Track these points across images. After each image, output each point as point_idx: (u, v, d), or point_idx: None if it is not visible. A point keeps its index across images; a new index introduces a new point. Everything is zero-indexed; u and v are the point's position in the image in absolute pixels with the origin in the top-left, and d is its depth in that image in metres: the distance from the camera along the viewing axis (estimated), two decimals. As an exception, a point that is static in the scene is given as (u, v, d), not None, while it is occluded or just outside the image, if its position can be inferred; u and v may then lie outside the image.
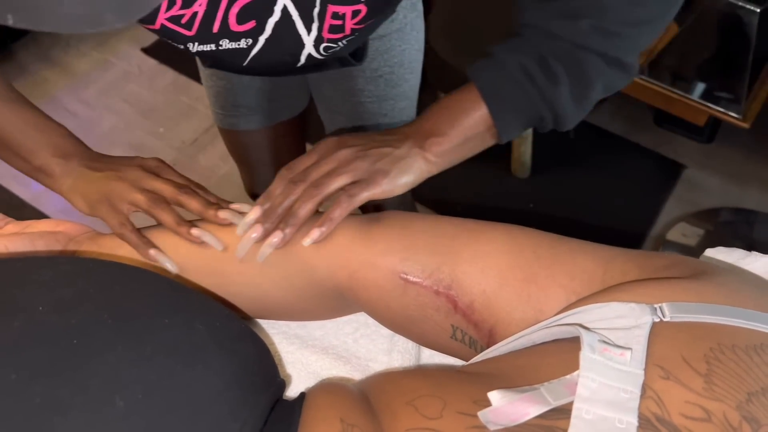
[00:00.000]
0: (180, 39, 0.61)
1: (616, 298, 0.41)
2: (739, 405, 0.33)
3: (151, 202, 0.54)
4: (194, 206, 0.54)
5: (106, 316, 0.35)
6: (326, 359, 0.54)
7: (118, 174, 0.57)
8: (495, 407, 0.34)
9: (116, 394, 0.32)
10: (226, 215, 0.53)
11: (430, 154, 0.57)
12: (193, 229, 0.52)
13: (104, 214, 0.56)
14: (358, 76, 0.90)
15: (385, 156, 0.55)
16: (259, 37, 0.62)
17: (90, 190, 0.58)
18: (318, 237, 0.50)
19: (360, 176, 0.54)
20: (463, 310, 0.48)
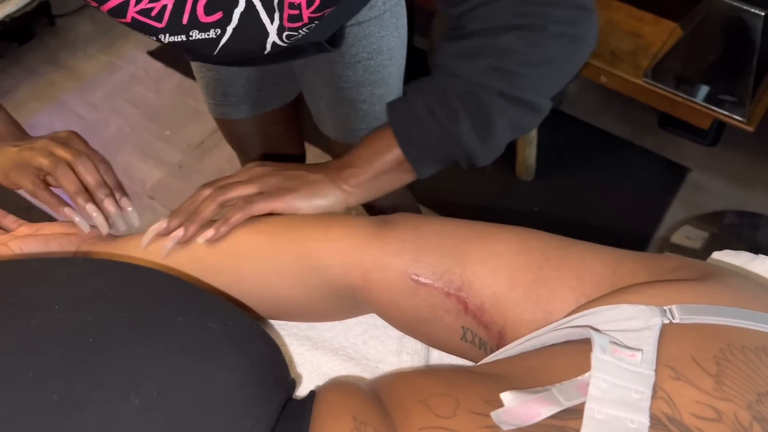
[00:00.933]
0: (151, 31, 0.62)
1: (625, 300, 0.41)
2: (750, 405, 0.33)
3: (53, 164, 0.58)
4: (88, 179, 0.59)
5: (120, 315, 0.36)
6: (336, 360, 0.54)
7: (30, 145, 0.61)
8: (508, 407, 0.35)
9: (132, 390, 0.32)
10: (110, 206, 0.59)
11: (346, 185, 0.61)
12: (89, 205, 0.57)
13: (17, 179, 0.59)
14: (337, 62, 0.92)
15: (297, 177, 0.59)
16: (227, 27, 0.64)
17: (4, 161, 0.61)
18: (212, 236, 0.53)
19: (266, 189, 0.57)
20: (473, 311, 0.48)
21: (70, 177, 0.58)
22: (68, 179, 0.58)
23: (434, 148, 0.61)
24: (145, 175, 1.83)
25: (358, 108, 0.98)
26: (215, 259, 0.53)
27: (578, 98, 1.97)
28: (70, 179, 0.58)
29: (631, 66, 1.72)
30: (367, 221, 0.53)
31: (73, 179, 0.58)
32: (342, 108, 0.98)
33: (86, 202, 0.57)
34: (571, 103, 1.95)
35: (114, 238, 0.59)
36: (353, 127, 1.01)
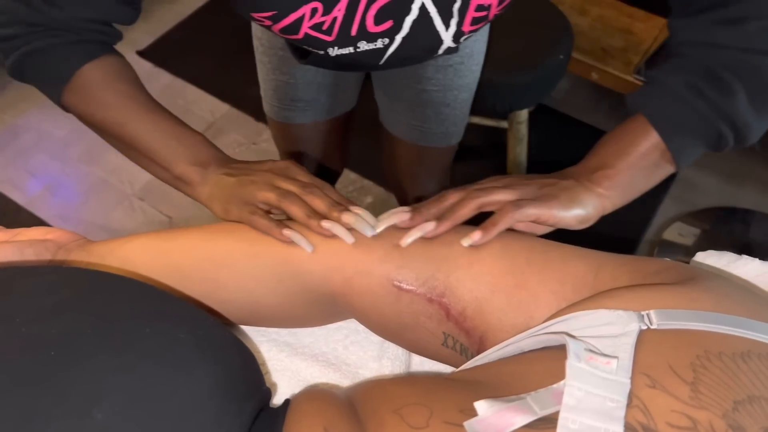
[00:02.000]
0: (321, 45, 0.62)
1: (603, 305, 0.40)
2: (725, 414, 0.33)
3: (280, 197, 0.54)
4: (318, 204, 0.53)
5: (87, 326, 0.35)
6: (316, 366, 0.53)
7: (250, 178, 0.57)
8: (481, 417, 0.34)
9: (95, 405, 0.31)
10: (350, 219, 0.51)
11: (601, 188, 0.55)
12: (324, 222, 0.51)
13: (237, 214, 0.55)
14: (429, 64, 0.90)
15: (552, 185, 0.54)
16: (395, 36, 0.63)
17: (224, 195, 0.58)
18: (478, 240, 0.48)
19: (525, 196, 0.52)
20: (455, 317, 0.48)
21: (298, 203, 0.53)
22: (297, 206, 0.53)
23: (701, 130, 0.55)
24: (134, 176, 1.81)
25: (440, 111, 0.97)
26: (194, 267, 0.52)
27: (569, 95, 1.97)
28: (299, 205, 0.53)
29: (622, 63, 1.71)
30: None
31: (302, 205, 0.53)
32: (423, 110, 0.97)
33: (320, 222, 0.51)
34: (562, 100, 1.95)
35: (90, 243, 0.58)
36: (431, 130, 1.00)
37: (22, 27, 0.58)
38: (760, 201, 1.70)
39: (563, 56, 1.49)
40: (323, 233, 0.51)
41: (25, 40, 0.59)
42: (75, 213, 1.74)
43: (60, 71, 0.61)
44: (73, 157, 1.86)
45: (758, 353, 0.36)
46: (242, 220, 0.54)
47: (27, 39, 0.59)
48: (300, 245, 0.50)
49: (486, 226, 0.49)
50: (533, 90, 1.51)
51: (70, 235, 0.61)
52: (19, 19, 0.58)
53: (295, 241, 0.50)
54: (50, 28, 0.58)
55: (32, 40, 0.59)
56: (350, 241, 0.50)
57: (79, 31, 0.59)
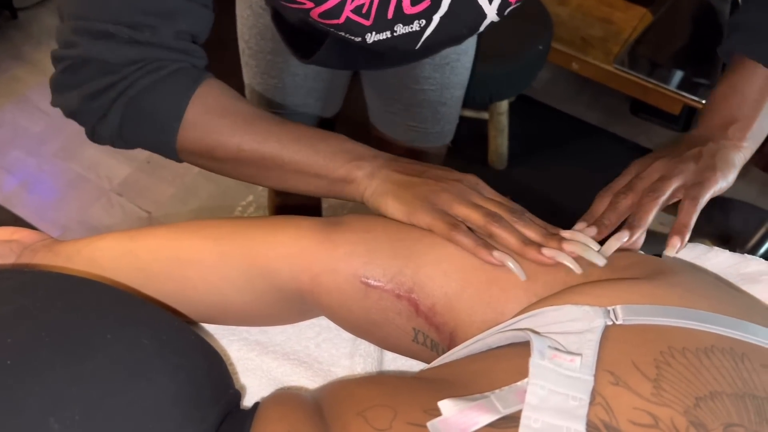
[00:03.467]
0: (359, 31, 0.59)
1: (571, 300, 0.40)
2: (687, 410, 0.33)
3: (487, 218, 0.49)
4: (531, 233, 0.48)
5: (44, 334, 0.34)
6: (287, 365, 0.53)
7: (440, 185, 0.52)
8: (444, 417, 0.34)
9: (51, 415, 0.31)
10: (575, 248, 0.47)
11: (738, 141, 0.55)
12: (546, 250, 0.46)
13: (429, 221, 0.50)
14: (426, 63, 0.89)
15: (702, 155, 0.53)
16: (433, 16, 0.60)
17: (407, 195, 0.52)
18: (679, 245, 0.49)
19: (689, 179, 0.52)
20: (424, 313, 0.47)
21: (509, 229, 0.48)
22: (508, 232, 0.48)
23: None
24: (113, 171, 1.79)
25: (437, 111, 0.95)
26: (160, 266, 0.51)
27: (550, 85, 1.97)
28: (510, 232, 0.48)
29: (602, 52, 1.72)
30: (317, 223, 0.51)
31: (513, 231, 0.48)
32: (421, 110, 0.95)
33: (539, 249, 0.47)
34: (542, 90, 1.95)
35: (57, 243, 0.57)
36: (427, 130, 0.99)
37: (119, 71, 0.52)
38: (739, 189, 1.71)
39: (543, 47, 1.49)
40: (545, 262, 0.46)
41: (128, 83, 0.53)
42: (52, 210, 1.71)
43: (171, 108, 0.54)
44: (49, 153, 1.84)
45: (721, 348, 0.36)
46: (437, 230, 0.49)
47: (128, 82, 0.52)
48: (513, 271, 0.46)
49: (680, 231, 0.49)
50: (513, 81, 1.51)
51: (36, 235, 0.60)
52: (116, 61, 0.52)
53: (509, 265, 0.46)
54: (150, 61, 0.53)
55: (135, 81, 0.53)
56: (579, 272, 0.46)
57: (174, 56, 0.54)
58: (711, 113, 0.58)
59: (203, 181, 1.77)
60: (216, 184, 1.77)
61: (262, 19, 0.87)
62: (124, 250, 0.53)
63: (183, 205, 1.74)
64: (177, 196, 1.75)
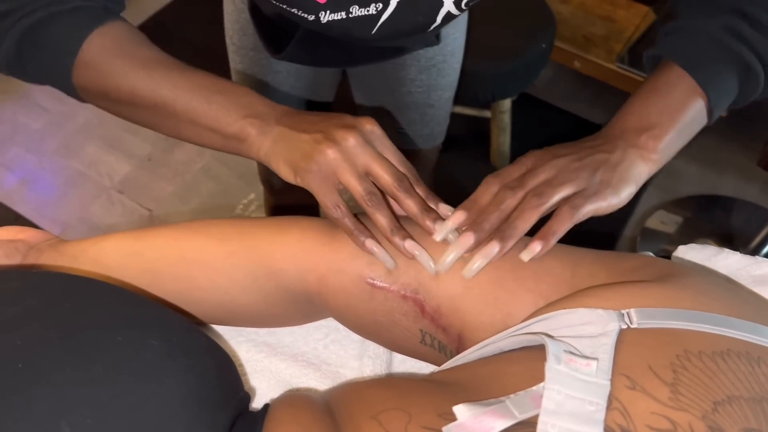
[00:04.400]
0: (312, 8, 0.57)
1: (583, 303, 0.40)
2: (705, 415, 0.32)
3: (368, 197, 0.48)
4: (409, 207, 0.48)
5: (54, 336, 0.34)
6: (296, 366, 0.53)
7: (330, 138, 0.49)
8: (460, 422, 0.34)
9: (62, 418, 0.30)
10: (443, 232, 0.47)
11: (648, 152, 0.51)
12: (408, 242, 0.46)
13: (314, 187, 0.49)
14: (411, 65, 0.88)
15: (603, 163, 0.50)
16: (390, 0, 0.59)
17: (295, 155, 0.50)
18: (539, 251, 0.46)
19: (581, 186, 0.49)
20: (430, 314, 0.47)
21: (383, 210, 0.47)
22: (382, 214, 0.47)
23: (739, 76, 0.52)
24: (113, 169, 1.79)
25: (424, 113, 0.94)
26: (167, 267, 0.51)
27: (552, 84, 1.96)
28: (384, 213, 0.47)
29: (605, 51, 1.71)
30: (322, 224, 0.51)
31: (389, 215, 0.47)
32: (408, 113, 0.94)
33: (404, 240, 0.46)
34: (544, 88, 1.94)
35: (62, 243, 0.56)
36: (416, 132, 0.97)
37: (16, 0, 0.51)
38: (741, 188, 1.71)
39: (546, 45, 1.49)
40: (405, 254, 0.47)
41: (23, 13, 0.51)
42: (52, 207, 1.71)
43: (68, 42, 0.53)
44: (49, 150, 1.83)
45: (737, 351, 0.36)
46: (323, 204, 0.49)
47: (24, 11, 0.51)
48: (379, 259, 0.47)
49: (545, 236, 0.46)
50: (516, 79, 1.51)
51: (41, 234, 0.59)
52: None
53: (378, 257, 0.47)
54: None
55: (31, 11, 0.51)
56: (433, 272, 0.46)
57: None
58: (628, 114, 0.54)
59: (204, 179, 1.77)
60: (217, 182, 1.76)
61: (244, 14, 0.86)
62: (129, 250, 0.52)
63: (184, 202, 1.73)
64: (177, 193, 1.75)
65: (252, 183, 1.75)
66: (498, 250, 0.46)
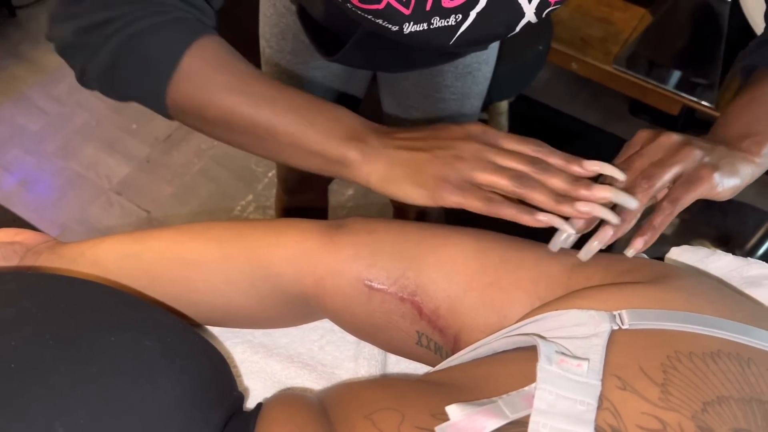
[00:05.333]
0: (398, 19, 0.58)
1: (575, 305, 0.40)
2: (695, 415, 0.33)
3: (517, 182, 0.46)
4: (557, 183, 0.47)
5: (48, 337, 0.34)
6: (291, 367, 0.53)
7: (453, 153, 0.48)
8: (452, 422, 0.34)
9: (56, 419, 0.31)
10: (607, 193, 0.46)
11: (753, 155, 0.52)
12: (580, 205, 0.45)
13: (456, 201, 0.47)
14: (448, 72, 0.88)
15: (711, 151, 0.50)
16: (470, 12, 0.59)
17: (423, 177, 0.48)
18: (642, 247, 0.46)
19: (690, 166, 0.48)
20: (428, 316, 0.47)
21: (539, 188, 0.46)
22: (538, 191, 0.46)
23: None
24: (112, 170, 1.79)
25: (456, 120, 0.93)
26: (164, 270, 0.51)
27: (549, 85, 1.97)
28: (540, 190, 0.46)
29: (601, 52, 1.71)
30: (320, 226, 0.51)
31: (545, 190, 0.46)
32: (441, 120, 0.93)
33: (573, 204, 0.45)
34: (542, 90, 1.95)
35: (60, 245, 0.56)
36: None
37: (120, 7, 0.49)
38: (738, 190, 1.72)
39: (543, 47, 1.49)
40: (583, 217, 0.46)
41: (124, 21, 0.49)
42: (51, 208, 1.71)
43: (168, 53, 0.50)
44: (48, 152, 1.83)
45: (728, 353, 0.36)
46: (471, 209, 0.47)
47: (126, 19, 0.49)
48: (563, 229, 0.46)
49: (646, 231, 0.47)
50: (513, 81, 1.51)
51: (39, 236, 0.59)
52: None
53: (558, 226, 0.46)
54: (154, 3, 0.50)
55: (133, 20, 0.49)
56: (616, 222, 0.46)
57: (181, 5, 0.51)
58: (726, 124, 0.55)
59: (203, 181, 1.77)
60: (216, 184, 1.77)
61: (285, 18, 0.87)
62: (127, 252, 0.52)
63: (182, 204, 1.74)
64: (176, 195, 1.75)
65: (250, 185, 1.75)
66: (610, 236, 0.47)
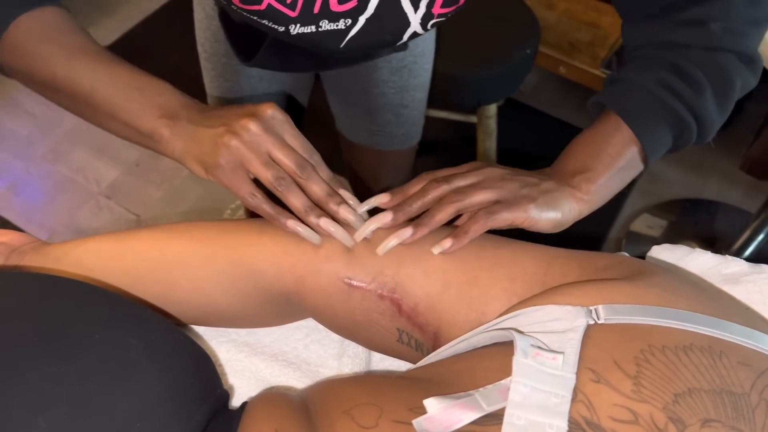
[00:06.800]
0: (283, 20, 0.59)
1: (553, 300, 0.41)
2: (666, 406, 0.33)
3: (277, 182, 0.49)
4: (315, 192, 0.50)
5: (31, 334, 0.34)
6: (276, 366, 0.53)
7: (231, 130, 0.50)
8: (429, 415, 0.35)
9: (39, 414, 0.31)
10: (348, 216, 0.49)
11: (580, 192, 0.54)
12: (323, 221, 0.48)
13: (225, 181, 0.50)
14: (383, 67, 0.89)
15: (533, 185, 0.52)
16: (359, 17, 0.60)
17: (204, 152, 0.51)
18: (449, 248, 0.48)
19: (505, 196, 0.51)
20: (407, 313, 0.48)
21: (295, 192, 0.49)
22: (295, 196, 0.49)
23: (671, 125, 0.55)
24: (101, 174, 1.79)
25: (399, 113, 0.95)
26: (147, 268, 0.52)
27: (537, 89, 1.98)
28: (297, 195, 0.49)
29: (589, 56, 1.73)
30: None
31: (301, 196, 0.50)
32: (382, 115, 0.95)
33: (319, 218, 0.49)
34: (530, 94, 1.96)
35: (45, 246, 0.57)
36: (392, 133, 0.98)
37: None
38: (724, 192, 1.73)
39: (530, 51, 1.50)
40: (321, 232, 0.49)
41: None
42: (40, 213, 1.71)
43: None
44: (37, 156, 1.83)
45: (700, 346, 0.37)
46: (235, 195, 0.50)
47: None
48: (308, 240, 0.49)
49: (458, 234, 0.48)
50: (501, 84, 1.52)
51: (24, 237, 0.60)
52: None
53: (303, 235, 0.48)
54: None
55: None
56: (350, 245, 0.49)
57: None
58: (566, 158, 0.57)
59: (192, 184, 1.77)
60: (205, 187, 1.77)
61: (215, 21, 0.86)
62: (111, 252, 0.53)
63: (171, 208, 1.73)
64: (165, 199, 1.75)
65: (240, 188, 1.75)
66: (410, 234, 0.48)
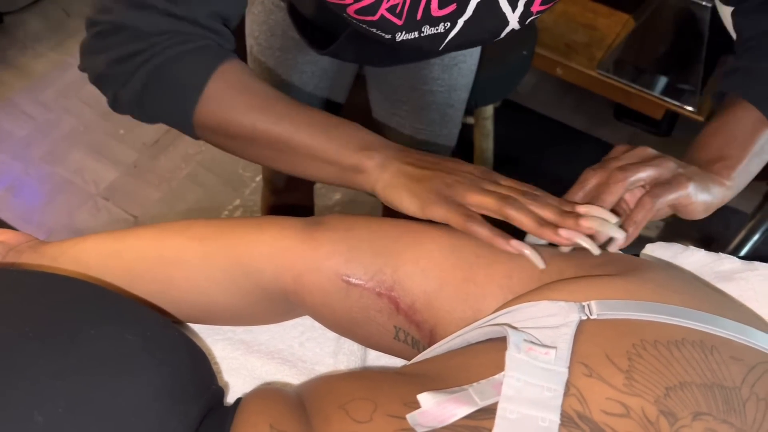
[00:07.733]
0: (391, 29, 0.61)
1: (546, 296, 0.41)
2: (657, 400, 0.34)
3: (504, 202, 0.49)
4: (546, 213, 0.49)
5: (27, 330, 0.35)
6: (272, 364, 0.53)
7: (453, 177, 0.52)
8: (423, 409, 0.35)
9: (35, 408, 0.31)
10: (592, 223, 0.47)
11: (724, 178, 0.55)
12: (562, 231, 0.47)
13: (443, 215, 0.50)
14: (435, 64, 0.90)
15: (686, 166, 0.53)
16: (458, 20, 0.62)
17: (420, 189, 0.52)
18: (622, 242, 0.48)
19: (665, 173, 0.52)
20: (405, 311, 0.48)
21: (524, 211, 0.48)
22: (523, 213, 0.48)
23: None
24: (99, 176, 1.79)
25: (445, 113, 0.96)
26: (145, 266, 0.52)
27: (534, 90, 1.99)
28: (526, 213, 0.48)
29: (586, 58, 1.74)
30: (299, 223, 0.52)
31: (529, 212, 0.48)
32: (429, 113, 0.96)
33: (557, 230, 0.47)
34: (527, 95, 1.97)
35: (42, 244, 0.57)
36: (435, 132, 0.99)
37: (148, 39, 0.54)
38: (720, 192, 1.74)
39: (527, 52, 1.51)
40: (562, 243, 0.47)
41: (153, 52, 0.54)
42: (38, 214, 1.71)
43: (196, 78, 0.56)
44: (35, 157, 1.83)
45: (692, 341, 0.37)
46: (452, 223, 0.49)
47: (154, 50, 0.54)
48: (530, 258, 0.47)
49: (628, 225, 0.49)
50: (498, 86, 1.53)
51: (21, 236, 0.60)
52: (147, 30, 0.53)
53: (525, 253, 0.47)
54: (179, 33, 0.54)
55: (161, 50, 0.54)
56: (597, 252, 0.47)
57: (204, 33, 0.55)
58: (699, 149, 0.58)
59: (190, 185, 1.77)
60: (203, 189, 1.77)
61: (273, 15, 0.89)
62: (109, 251, 0.53)
63: (170, 209, 1.74)
64: (164, 200, 1.75)
65: (237, 189, 1.76)
66: (622, 241, 0.48)
